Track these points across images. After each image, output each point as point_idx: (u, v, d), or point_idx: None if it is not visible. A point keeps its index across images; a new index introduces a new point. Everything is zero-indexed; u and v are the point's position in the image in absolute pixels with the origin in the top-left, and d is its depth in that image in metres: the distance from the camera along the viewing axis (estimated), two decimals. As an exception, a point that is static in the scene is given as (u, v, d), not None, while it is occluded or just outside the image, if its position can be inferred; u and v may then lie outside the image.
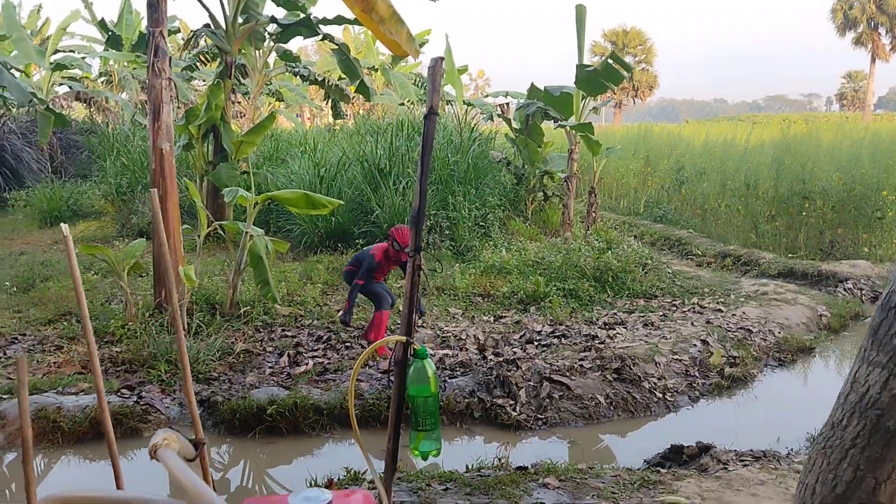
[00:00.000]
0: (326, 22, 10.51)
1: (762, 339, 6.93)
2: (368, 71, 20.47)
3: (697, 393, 5.84)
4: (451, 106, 14.60)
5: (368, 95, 12.32)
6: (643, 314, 7.51)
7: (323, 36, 10.80)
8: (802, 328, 7.44)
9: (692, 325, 7.01)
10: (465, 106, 13.80)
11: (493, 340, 6.53)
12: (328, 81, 12.68)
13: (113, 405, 4.94)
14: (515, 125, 12.47)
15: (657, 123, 31.36)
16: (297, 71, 12.36)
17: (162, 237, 2.09)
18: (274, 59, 13.32)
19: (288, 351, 6.20)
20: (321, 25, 10.50)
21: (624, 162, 16.52)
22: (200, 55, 12.71)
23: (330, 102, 14.22)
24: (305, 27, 10.48)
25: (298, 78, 13.09)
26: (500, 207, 11.16)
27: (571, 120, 10.91)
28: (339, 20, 10.53)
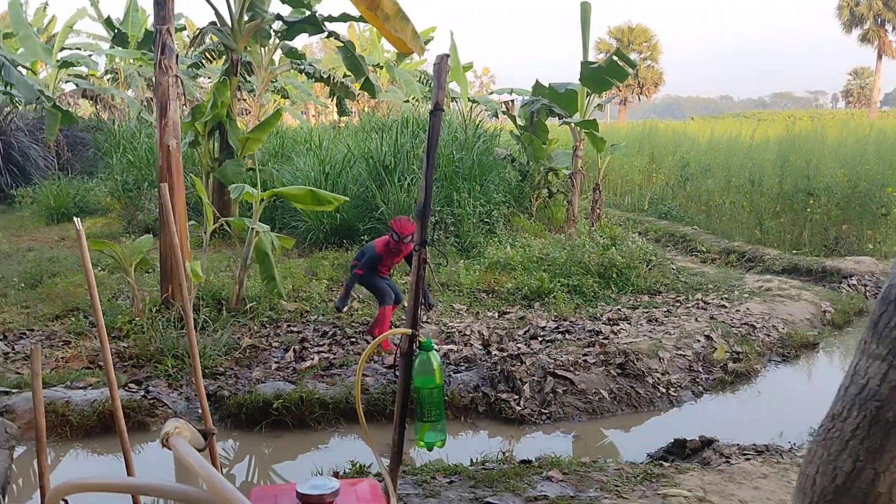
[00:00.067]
0: (332, 19, 10.55)
1: (766, 334, 6.95)
2: (373, 68, 20.53)
3: (701, 388, 5.87)
4: (456, 103, 14.62)
5: (373, 92, 12.36)
6: (647, 310, 7.53)
7: (328, 33, 10.84)
8: (806, 324, 7.45)
9: (696, 320, 7.03)
10: (470, 103, 13.83)
11: (497, 336, 6.56)
12: (333, 78, 12.74)
13: (121, 399, 4.98)
14: (520, 122, 12.49)
15: (662, 120, 31.34)
16: (302, 68, 12.41)
17: (172, 230, 2.13)
18: (279, 56, 13.35)
19: (293, 346, 6.24)
20: (326, 23, 10.54)
21: (629, 159, 16.52)
22: (206, 52, 12.76)
23: (335, 99, 14.27)
24: (311, 24, 10.52)
25: (304, 75, 13.17)
26: (504, 204, 11.17)
27: (576, 117, 10.92)
28: (344, 17, 10.57)
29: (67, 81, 19.86)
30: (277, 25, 10.94)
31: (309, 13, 10.49)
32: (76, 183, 14.60)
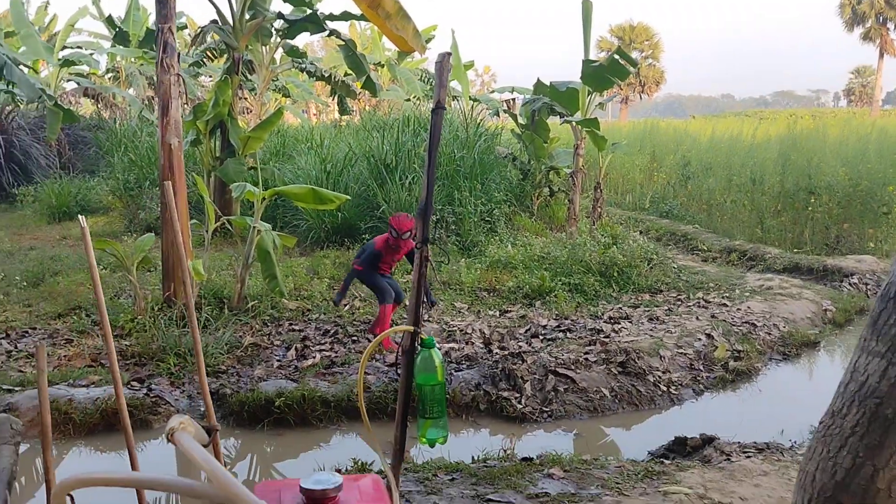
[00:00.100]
0: (333, 18, 10.55)
1: (767, 333, 6.96)
2: (375, 67, 20.54)
3: (702, 386, 5.88)
4: (457, 101, 14.63)
5: (375, 91, 12.37)
6: (648, 308, 7.55)
7: (329, 32, 10.84)
8: (807, 323, 7.46)
9: (697, 319, 7.04)
10: (471, 101, 13.84)
11: (498, 334, 6.57)
12: (334, 77, 12.73)
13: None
14: (521, 121, 12.50)
15: (663, 119, 31.35)
16: (303, 67, 12.40)
17: (177, 228, 2.14)
18: (280, 55, 13.36)
19: (295, 344, 6.26)
20: (328, 21, 10.54)
21: (630, 157, 16.52)
22: (207, 51, 12.75)
23: (336, 98, 14.27)
24: (312, 23, 10.52)
25: (305, 74, 13.15)
26: (505, 203, 11.19)
27: (577, 115, 10.92)
28: (345, 16, 10.57)
29: (69, 80, 19.88)
30: (279, 24, 10.95)
31: (310, 11, 10.50)
32: (78, 182, 14.62)
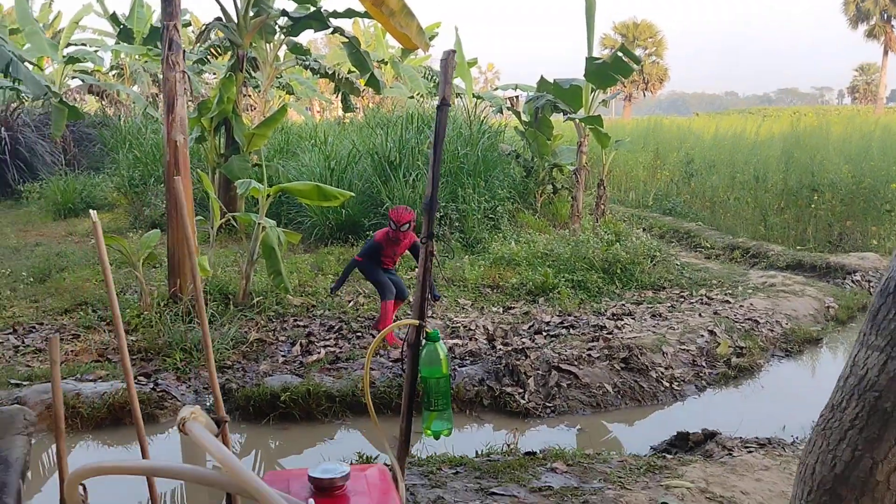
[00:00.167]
0: (337, 15, 10.57)
1: (769, 329, 6.98)
2: (378, 64, 20.53)
3: (704, 382, 5.91)
4: (460, 99, 14.62)
5: (378, 88, 12.37)
6: (651, 305, 7.57)
7: (333, 29, 10.86)
8: (810, 319, 7.48)
9: (700, 316, 7.07)
10: (474, 99, 13.83)
11: (502, 331, 6.61)
12: (338, 74, 12.75)
13: (130, 392, 5.05)
14: (525, 118, 12.50)
15: (667, 116, 31.32)
16: (307, 64, 12.42)
17: (186, 223, 2.18)
18: (284, 52, 13.38)
19: (300, 340, 6.30)
20: (331, 19, 10.56)
21: (633, 155, 16.54)
22: (212, 48, 12.78)
23: (340, 95, 14.29)
24: (316, 20, 10.55)
25: (309, 71, 13.17)
26: (509, 200, 11.21)
27: (581, 112, 10.94)
28: (349, 13, 10.59)
29: (73, 77, 19.91)
30: (283, 21, 10.97)
31: (314, 9, 10.52)
32: (83, 178, 14.69)
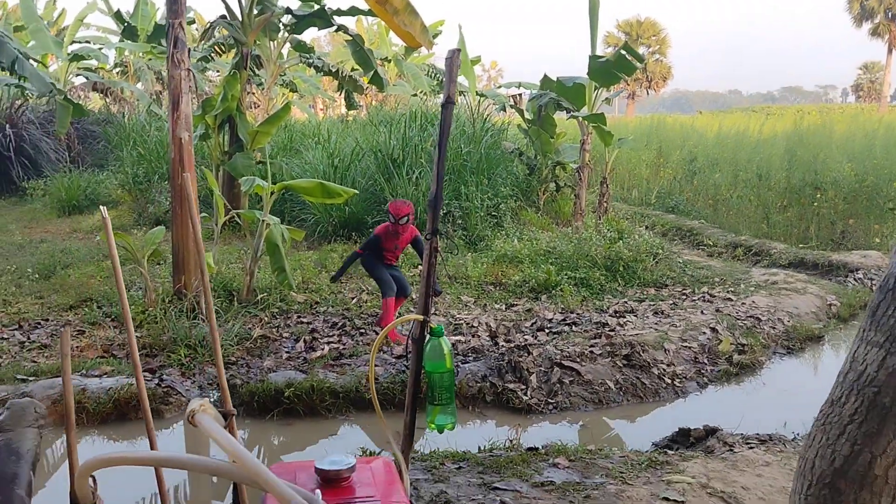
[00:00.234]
0: (340, 13, 10.60)
1: (771, 327, 7.00)
2: (382, 62, 20.52)
3: (706, 379, 5.93)
4: (464, 96, 14.64)
5: (382, 86, 12.40)
6: (653, 303, 7.59)
7: (337, 27, 10.89)
8: (812, 317, 7.49)
9: (702, 313, 7.09)
10: (478, 97, 13.85)
11: (504, 328, 6.64)
12: (342, 72, 12.78)
13: (135, 388, 5.09)
14: (528, 116, 12.53)
15: (670, 114, 31.31)
16: (311, 62, 12.45)
17: (196, 220, 2.20)
18: (288, 49, 13.42)
19: (304, 336, 6.33)
20: (335, 16, 10.59)
21: (636, 153, 16.54)
22: (216, 46, 12.82)
23: (343, 93, 14.31)
24: (320, 18, 10.58)
25: (312, 69, 13.20)
26: (512, 198, 11.24)
27: (584, 111, 10.95)
28: (353, 11, 10.61)
29: (78, 74, 19.97)
30: (287, 19, 11.00)
31: (318, 7, 10.55)
32: (87, 175, 14.74)
